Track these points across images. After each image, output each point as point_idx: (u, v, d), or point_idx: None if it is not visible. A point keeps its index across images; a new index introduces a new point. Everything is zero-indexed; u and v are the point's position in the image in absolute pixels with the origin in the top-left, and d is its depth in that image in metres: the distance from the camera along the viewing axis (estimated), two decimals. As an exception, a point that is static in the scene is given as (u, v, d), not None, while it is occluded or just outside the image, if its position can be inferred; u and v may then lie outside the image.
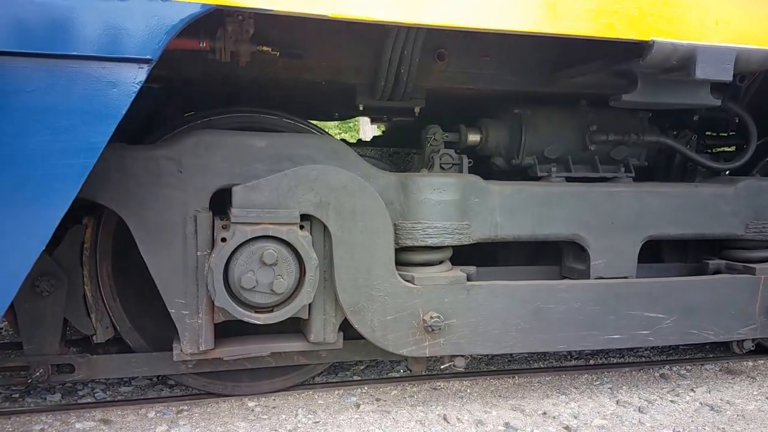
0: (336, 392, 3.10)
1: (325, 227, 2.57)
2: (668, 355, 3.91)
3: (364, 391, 3.14)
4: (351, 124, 13.27)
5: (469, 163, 3.03)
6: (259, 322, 2.52)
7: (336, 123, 13.85)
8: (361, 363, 3.60)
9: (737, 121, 3.29)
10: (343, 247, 2.57)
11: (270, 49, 2.63)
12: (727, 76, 2.39)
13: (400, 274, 2.70)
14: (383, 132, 4.71)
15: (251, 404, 2.94)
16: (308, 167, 2.53)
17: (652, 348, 3.96)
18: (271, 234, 2.45)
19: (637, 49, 2.37)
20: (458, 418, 2.83)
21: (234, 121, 2.80)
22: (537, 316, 2.86)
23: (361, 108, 3.06)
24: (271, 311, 2.54)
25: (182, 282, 2.49)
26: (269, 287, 2.46)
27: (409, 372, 3.42)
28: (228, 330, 2.69)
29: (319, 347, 2.74)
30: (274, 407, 2.91)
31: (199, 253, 2.47)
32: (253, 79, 2.86)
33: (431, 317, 2.67)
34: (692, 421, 2.88)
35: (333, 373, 3.46)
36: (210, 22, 2.26)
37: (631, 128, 3.14)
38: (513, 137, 3.13)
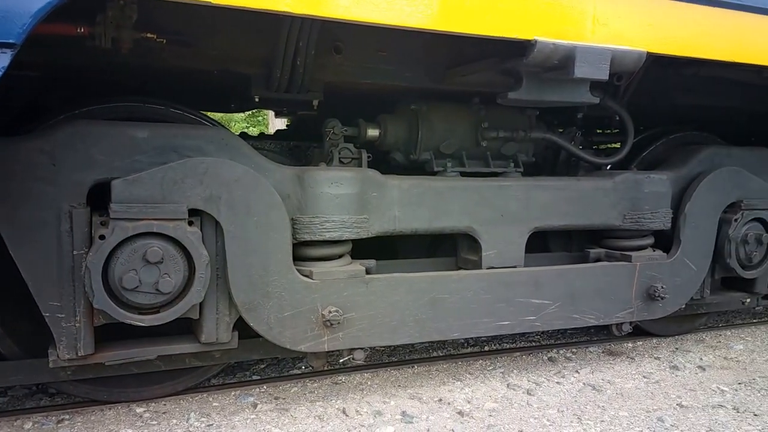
0: (232, 393, 3.01)
1: (216, 222, 2.48)
2: (557, 339, 4.16)
3: (262, 390, 3.08)
4: (260, 118, 12.97)
5: (369, 157, 3.04)
6: (143, 324, 2.39)
7: (244, 116, 13.50)
8: (261, 362, 3.53)
9: (618, 118, 3.53)
10: (237, 242, 2.49)
11: (155, 36, 2.50)
12: (603, 75, 2.56)
13: (298, 269, 2.66)
14: (287, 126, 4.62)
15: (139, 410, 2.79)
16: (197, 159, 2.42)
17: (542, 333, 4.19)
18: (155, 230, 2.33)
19: (521, 48, 2.48)
20: (357, 411, 2.85)
21: (117, 111, 2.62)
22: (433, 306, 2.93)
23: (256, 99, 2.97)
24: (158, 312, 2.41)
25: (57, 283, 2.31)
26: (154, 287, 2.33)
27: (311, 368, 3.39)
28: (128, 332, 2.54)
29: (211, 348, 2.64)
30: (164, 412, 2.78)
31: (75, 252, 2.30)
32: (138, 68, 2.70)
33: (330, 312, 2.66)
34: (575, 400, 3.08)
35: (231, 374, 3.36)
36: (90, 6, 2.10)
37: (520, 125, 3.29)
38: (410, 133, 3.18)
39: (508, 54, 2.60)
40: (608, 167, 3.64)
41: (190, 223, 2.41)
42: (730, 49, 2.86)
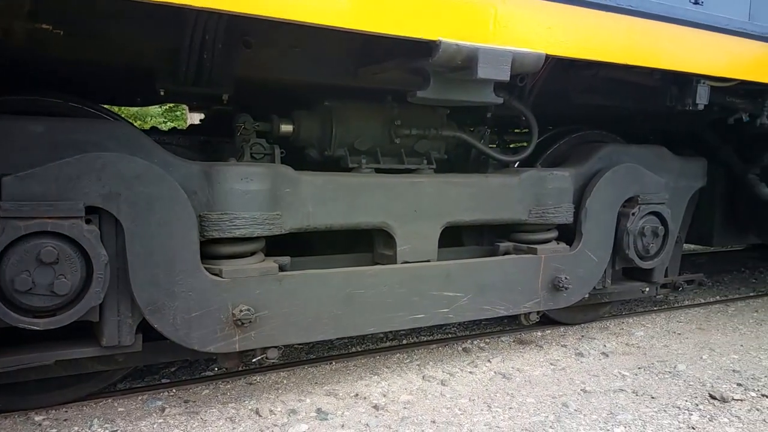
0: (139, 398, 2.91)
1: (116, 220, 2.38)
2: (471, 330, 4.29)
3: (171, 393, 2.99)
4: (178, 113, 12.54)
5: (282, 153, 3.02)
6: (38, 328, 2.26)
7: (161, 111, 12.99)
8: (172, 365, 3.42)
9: (524, 118, 3.69)
10: (139, 241, 2.40)
11: (51, 28, 2.36)
12: (505, 76, 2.67)
13: (207, 268, 2.60)
14: (201, 121, 4.49)
15: (38, 418, 2.64)
16: (94, 155, 2.31)
17: (458, 325, 4.31)
18: (50, 229, 2.21)
19: (427, 48, 2.54)
20: (271, 410, 2.82)
21: (11, 105, 2.47)
22: (349, 301, 2.95)
23: (162, 93, 2.88)
24: (54, 315, 2.29)
25: (-62, 287, 2.14)
26: (49, 289, 2.21)
27: (224, 369, 3.32)
28: (27, 337, 2.39)
29: (114, 351, 2.53)
30: (65, 420, 2.64)
31: (-40, 254, 2.14)
32: (34, 60, 2.55)
33: (241, 311, 2.61)
34: (486, 389, 3.19)
35: (139, 378, 3.24)
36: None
37: (432, 123, 3.37)
38: (324, 129, 3.18)
39: (416, 54, 2.65)
40: (516, 164, 3.80)
41: (88, 222, 2.30)
42: (623, 52, 3.06)
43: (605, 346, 3.94)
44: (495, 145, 4.39)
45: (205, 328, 2.58)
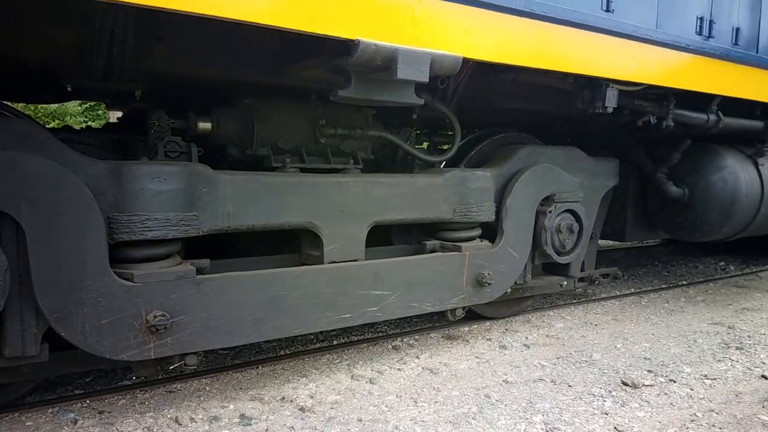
0: (50, 410, 2.75)
1: (17, 223, 2.23)
2: (402, 328, 4.33)
3: (85, 404, 2.84)
4: (99, 111, 11.98)
5: (200, 152, 2.93)
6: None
7: (81, 109, 12.35)
8: (87, 375, 3.25)
9: (447, 120, 3.76)
10: (42, 245, 2.26)
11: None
12: (424, 78, 2.71)
13: (117, 272, 2.48)
14: (118, 119, 4.29)
15: (-69, 440, 2.44)
16: (-10, 154, 2.17)
17: (389, 323, 4.34)
18: (-61, 234, 2.04)
19: (348, 47, 2.54)
20: (192, 418, 2.73)
21: None
22: (273, 304, 2.90)
23: (69, 89, 2.73)
24: (-54, 325, 2.12)
25: None
26: (-62, 297, 2.05)
27: (143, 378, 3.19)
28: None
29: (18, 363, 2.37)
30: (-37, 440, 2.46)
31: None
32: None
33: (155, 316, 2.51)
34: (414, 384, 3.23)
35: (51, 390, 3.05)
36: None
37: (357, 123, 3.38)
38: (246, 127, 3.12)
39: (337, 53, 2.65)
40: (442, 165, 3.87)
41: (-16, 225, 2.15)
42: (537, 57, 3.17)
43: (527, 338, 4.08)
44: (426, 146, 4.47)
45: (116, 335, 2.46)
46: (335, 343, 3.96)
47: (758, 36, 5.00)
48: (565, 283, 4.52)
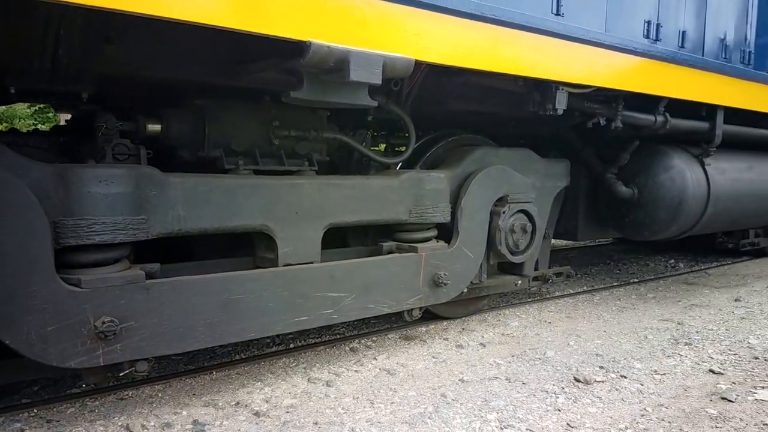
0: (-7, 422, 2.65)
1: (-46, 229, 2.15)
2: (360, 329, 4.34)
3: (32, 414, 2.76)
4: (50, 114, 11.62)
5: (149, 154, 2.88)
6: None
7: (30, 112, 11.95)
8: (35, 383, 3.15)
9: (402, 122, 3.79)
10: (-20, 251, 2.18)
11: None
12: (377, 79, 2.73)
13: (64, 278, 2.42)
14: (67, 121, 4.17)
15: None
16: None
17: (347, 325, 4.35)
18: None
19: (299, 49, 2.54)
20: (143, 425, 2.68)
21: None
22: (227, 307, 2.87)
23: (12, 91, 2.64)
24: None
25: None
26: None
27: (93, 385, 3.11)
28: None
29: (-44, 373, 2.29)
30: None
31: None
32: None
33: (103, 322, 2.46)
34: (371, 386, 3.24)
35: (-6, 401, 2.95)
36: None
37: (312, 125, 3.37)
38: (197, 129, 3.08)
39: (290, 54, 2.64)
40: (398, 167, 3.90)
41: None
42: (489, 60, 3.23)
43: (483, 337, 4.14)
44: (384, 148, 4.49)
45: (63, 342, 2.40)
46: (292, 346, 3.94)
47: (703, 39, 5.23)
48: (519, 282, 4.61)
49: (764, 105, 5.42)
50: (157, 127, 2.98)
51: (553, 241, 7.74)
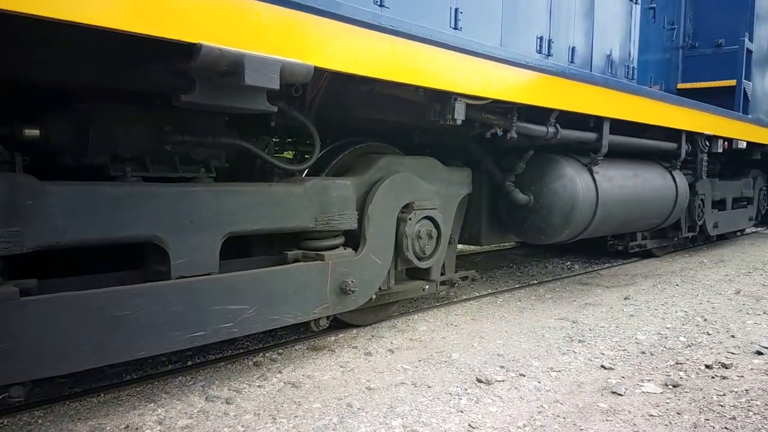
0: None
1: None
2: (265, 342, 4.22)
3: None
4: None
5: (25, 161, 2.64)
6: None
7: None
8: None
9: (307, 129, 3.73)
10: None
11: None
12: (274, 84, 2.67)
13: None
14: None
15: None
16: None
17: (251, 338, 4.21)
18: None
19: (189, 51, 2.43)
20: (17, 457, 2.44)
21: None
22: (114, 325, 2.68)
23: None
24: None
25: None
26: None
27: (-41, 417, 2.79)
28: None
29: None
30: None
31: None
32: None
33: (-32, 345, 2.21)
34: (274, 400, 3.14)
35: None
36: None
37: (208, 130, 3.24)
38: (79, 134, 2.87)
39: (180, 56, 2.52)
40: (304, 174, 3.84)
41: None
42: (389, 70, 3.27)
43: (392, 343, 4.16)
44: (293, 155, 4.41)
45: None
46: (190, 363, 3.74)
47: (591, 55, 5.61)
48: (427, 287, 4.68)
49: (647, 117, 5.88)
50: (35, 132, 2.75)
51: (460, 246, 8.01)
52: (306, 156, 4.31)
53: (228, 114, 3.33)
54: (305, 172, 3.84)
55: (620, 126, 5.68)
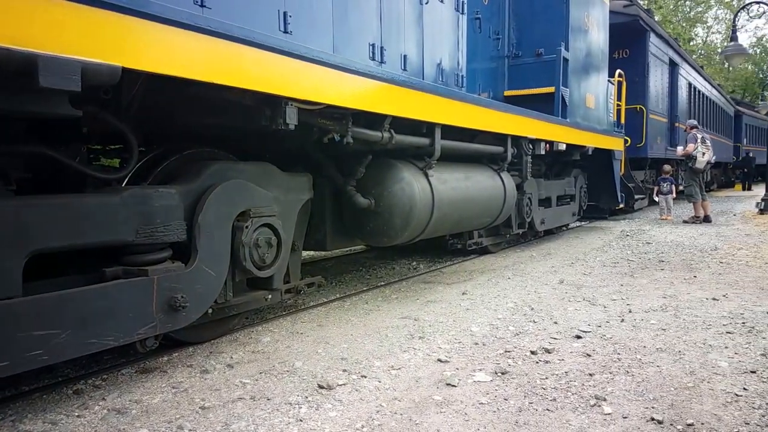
0: None
1: None
2: (88, 368, 3.84)
3: None
4: None
5: None
6: None
7: None
8: None
9: (123, 135, 3.46)
10: None
11: None
12: (75, 86, 2.44)
13: None
14: None
15: None
16: None
17: (73, 365, 3.82)
18: None
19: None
20: None
21: None
22: None
23: None
24: None
25: None
26: None
27: None
28: None
29: None
30: None
31: None
32: None
33: None
34: (95, 430, 2.87)
35: None
36: None
37: (3, 137, 2.87)
38: None
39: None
40: (124, 183, 3.56)
41: None
42: (211, 72, 3.14)
43: (232, 357, 4.00)
44: (119, 164, 4.06)
45: None
46: (-2, 399, 3.30)
47: (423, 63, 5.90)
48: (270, 296, 4.57)
49: (475, 122, 6.33)
50: None
51: (310, 253, 7.99)
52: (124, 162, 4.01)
53: (28, 119, 2.97)
54: (125, 181, 3.56)
55: (452, 131, 6.05)
